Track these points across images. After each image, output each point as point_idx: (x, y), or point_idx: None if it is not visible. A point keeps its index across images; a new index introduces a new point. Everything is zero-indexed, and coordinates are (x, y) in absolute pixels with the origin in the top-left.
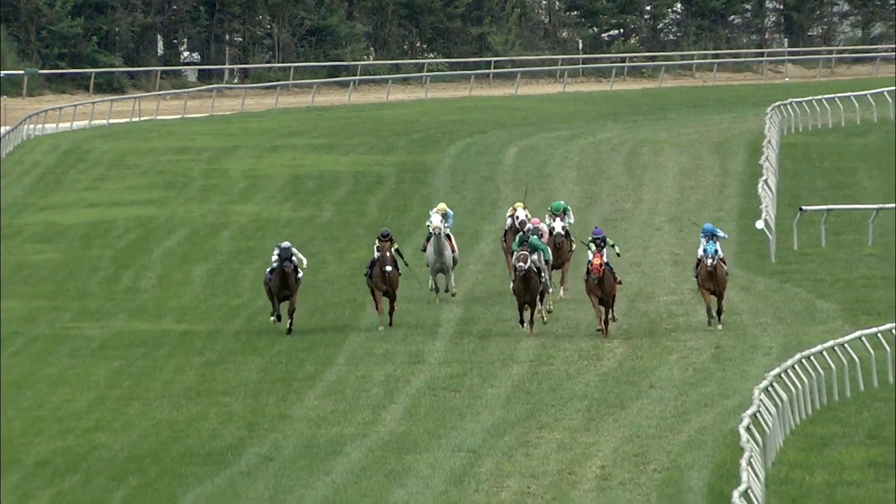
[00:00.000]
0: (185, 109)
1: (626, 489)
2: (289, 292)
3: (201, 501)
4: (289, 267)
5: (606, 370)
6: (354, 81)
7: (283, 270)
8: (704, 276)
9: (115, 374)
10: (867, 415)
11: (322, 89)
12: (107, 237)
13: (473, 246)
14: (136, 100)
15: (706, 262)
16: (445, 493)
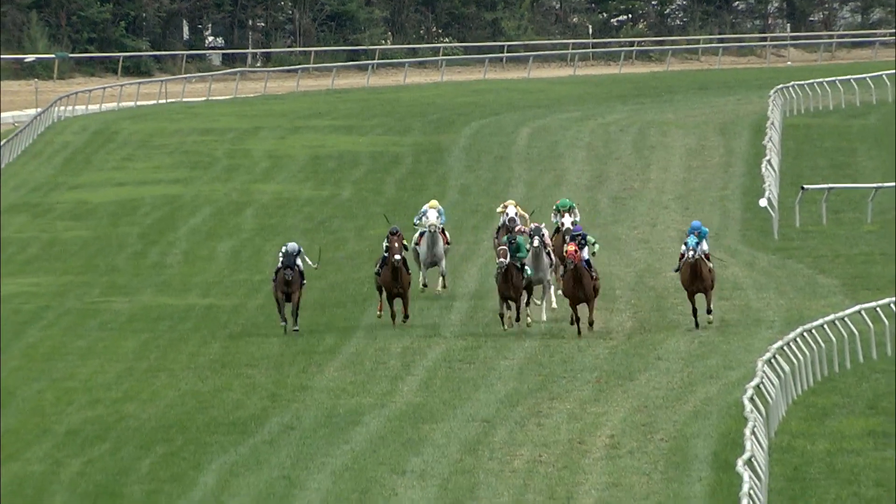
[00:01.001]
0: (210, 92)
1: (635, 457)
2: (290, 290)
3: (225, 469)
4: (290, 275)
5: (615, 343)
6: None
7: (285, 277)
8: (686, 272)
9: (142, 347)
10: (866, 386)
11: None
12: (134, 215)
13: (488, 223)
14: (163, 83)
15: (688, 255)
16: (460, 461)
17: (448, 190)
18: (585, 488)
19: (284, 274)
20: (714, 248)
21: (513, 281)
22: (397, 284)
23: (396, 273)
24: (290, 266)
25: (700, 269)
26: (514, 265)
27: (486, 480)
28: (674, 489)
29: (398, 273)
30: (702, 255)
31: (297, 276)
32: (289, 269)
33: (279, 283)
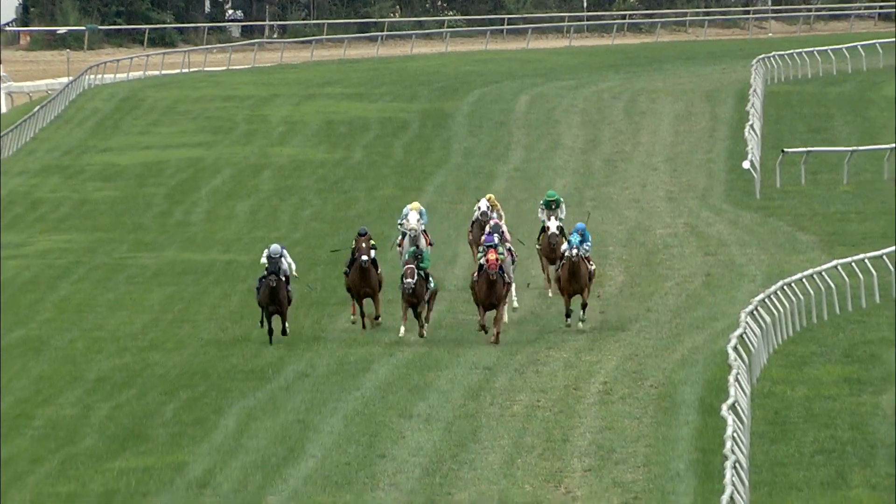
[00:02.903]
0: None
1: (626, 403)
2: (277, 307)
3: (244, 413)
4: (274, 281)
5: (608, 296)
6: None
7: (269, 285)
8: (566, 273)
9: (167, 299)
10: (842, 336)
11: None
12: (160, 176)
13: (489, 184)
14: (186, 53)
15: (570, 252)
16: (463, 405)
17: (452, 153)
18: (580, 431)
19: (269, 281)
20: (700, 207)
21: (416, 292)
22: (365, 285)
23: (365, 273)
24: (275, 272)
25: (579, 268)
26: (421, 276)
27: (488, 424)
28: (663, 432)
29: (366, 273)
30: (582, 255)
31: (282, 285)
32: (273, 276)
33: (263, 293)
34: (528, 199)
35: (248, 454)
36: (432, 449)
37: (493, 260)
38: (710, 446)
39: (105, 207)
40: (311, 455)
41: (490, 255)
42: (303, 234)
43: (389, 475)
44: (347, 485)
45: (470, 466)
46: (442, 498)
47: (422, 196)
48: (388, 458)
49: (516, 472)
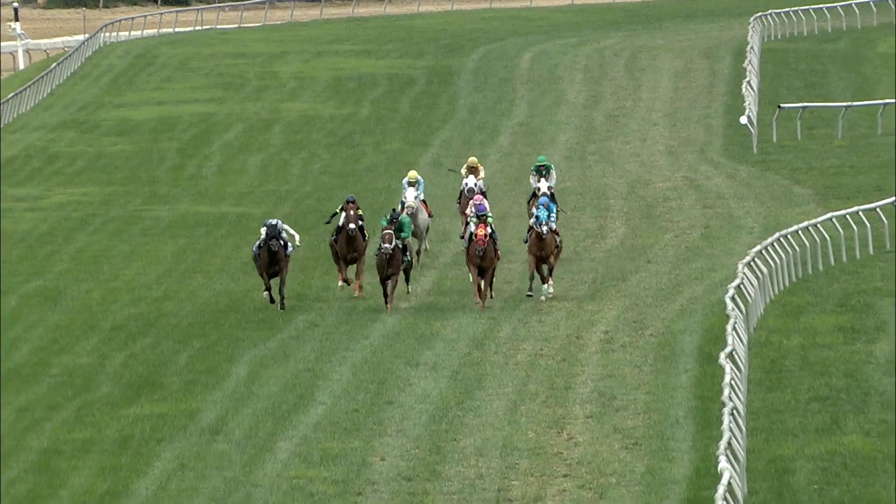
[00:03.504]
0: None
1: (627, 351)
2: (277, 268)
3: (256, 362)
4: (275, 245)
5: (609, 247)
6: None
7: (270, 248)
8: (535, 239)
9: (180, 251)
10: (837, 286)
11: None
12: (173, 131)
13: (493, 139)
14: (199, 11)
15: (540, 229)
16: (469, 354)
17: (457, 109)
18: (582, 379)
19: (270, 245)
20: (699, 161)
21: (392, 262)
22: (352, 250)
23: (352, 240)
24: (276, 236)
25: (548, 240)
26: (398, 246)
27: (492, 372)
28: (662, 380)
29: (353, 240)
30: (551, 229)
31: (282, 249)
32: (274, 240)
33: (263, 258)
34: (531, 153)
35: (259, 401)
36: (438, 396)
37: (482, 236)
38: (708, 394)
39: (120, 161)
40: (320, 402)
41: (479, 231)
42: (312, 188)
43: (396, 422)
44: (356, 431)
45: (475, 413)
46: (448, 444)
47: (428, 150)
48: (396, 405)
49: (520, 419)
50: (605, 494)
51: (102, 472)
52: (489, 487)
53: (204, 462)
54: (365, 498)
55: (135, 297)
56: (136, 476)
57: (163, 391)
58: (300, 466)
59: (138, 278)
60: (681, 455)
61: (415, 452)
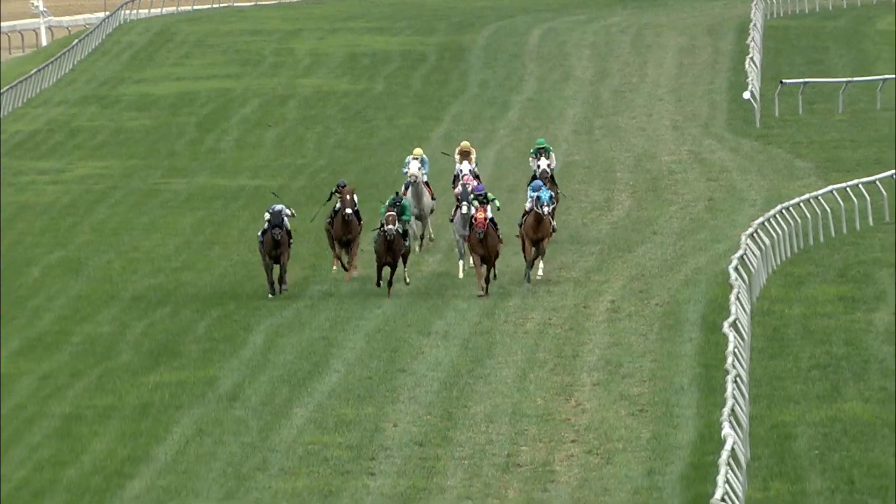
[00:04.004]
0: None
1: (633, 320)
2: (278, 252)
3: (272, 330)
4: (278, 234)
5: (616, 219)
6: None
7: (273, 237)
8: (531, 222)
9: (198, 223)
10: (837, 257)
11: None
12: (191, 106)
13: (503, 114)
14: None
15: (541, 211)
16: (479, 323)
17: (468, 84)
18: (589, 347)
19: (273, 234)
20: (703, 135)
21: (394, 248)
22: (347, 232)
23: (348, 224)
24: (279, 225)
25: (545, 221)
26: (399, 231)
27: (502, 340)
28: (667, 348)
29: (349, 224)
30: (549, 212)
31: (285, 237)
32: (277, 229)
33: (267, 245)
34: (540, 127)
35: (276, 369)
36: (450, 364)
37: (482, 220)
38: (712, 361)
39: (140, 136)
40: (334, 370)
41: (479, 215)
42: (327, 161)
43: (409, 389)
44: (369, 398)
45: (485, 381)
46: (459, 410)
47: (440, 125)
48: (408, 373)
49: (529, 386)
50: (612, 459)
51: (123, 437)
52: (499, 453)
53: (222, 428)
54: (378, 463)
55: (154, 267)
56: (155, 441)
57: (182, 359)
58: (315, 432)
59: (158, 249)
60: (685, 421)
61: (427, 419)
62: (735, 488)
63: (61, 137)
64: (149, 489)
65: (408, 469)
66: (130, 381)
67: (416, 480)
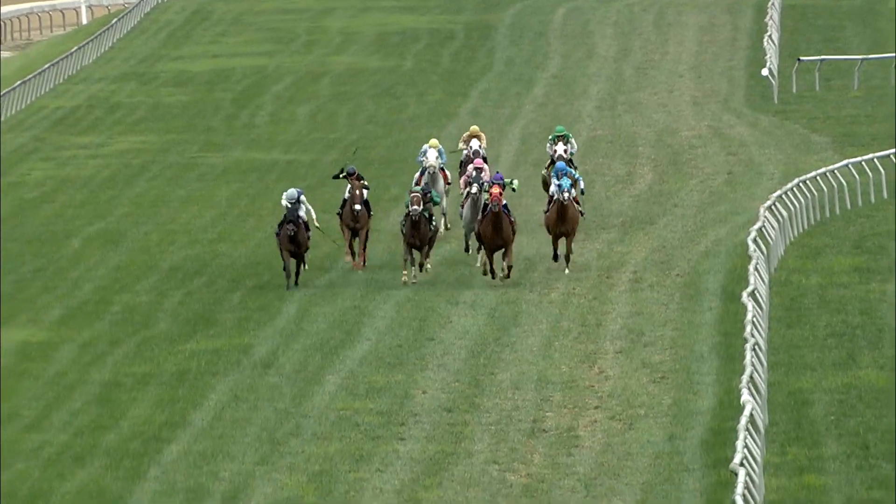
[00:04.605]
0: None
1: (654, 290)
2: (297, 248)
3: (305, 300)
4: (291, 229)
5: (638, 192)
6: None
7: (288, 233)
8: (554, 214)
9: (234, 196)
10: (853, 229)
11: None
12: (227, 82)
13: (528, 90)
14: None
15: (561, 197)
16: (505, 293)
17: (495, 62)
18: (612, 316)
19: (287, 229)
20: (722, 111)
21: (420, 230)
22: (356, 221)
23: (356, 216)
24: (293, 220)
25: (568, 211)
26: (424, 215)
27: (528, 310)
28: (688, 317)
29: (358, 215)
30: (572, 199)
31: (302, 232)
32: (291, 224)
33: (283, 240)
34: (564, 103)
35: (309, 337)
36: (477, 332)
37: (497, 194)
38: (731, 330)
39: (177, 111)
40: (365, 338)
41: (494, 190)
42: (359, 136)
43: (437, 356)
44: (399, 365)
45: (511, 349)
46: (485, 377)
47: (467, 101)
48: (437, 341)
49: (553, 354)
50: (634, 425)
51: (160, 403)
52: (525, 418)
53: (256, 394)
54: (408, 428)
55: (191, 238)
56: (192, 407)
57: (217, 328)
58: (347, 399)
59: (194, 221)
60: (705, 388)
61: (455, 385)
62: (753, 453)
63: (101, 113)
64: (185, 453)
65: (436, 434)
66: (168, 349)
67: (444, 445)
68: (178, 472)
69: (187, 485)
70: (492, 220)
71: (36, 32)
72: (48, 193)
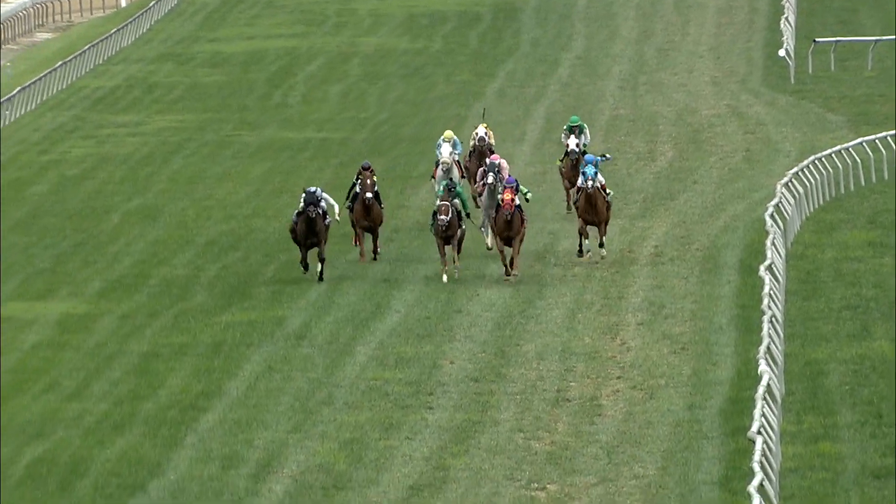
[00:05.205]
0: None
1: (675, 264)
2: (316, 239)
3: (336, 273)
4: (314, 212)
5: (659, 169)
6: None
7: (309, 216)
8: (584, 203)
9: (268, 173)
10: (867, 204)
11: None
12: (261, 63)
13: (553, 71)
14: None
15: (586, 185)
16: (530, 267)
17: (521, 43)
18: (634, 289)
19: (307, 211)
20: (741, 91)
21: (448, 232)
22: (369, 218)
23: (368, 209)
24: (314, 203)
25: (596, 199)
26: (455, 216)
27: (552, 283)
28: (707, 290)
29: (370, 208)
30: (599, 186)
31: (320, 217)
32: (312, 206)
33: (301, 227)
34: (588, 83)
35: (340, 310)
36: (503, 305)
37: (509, 200)
38: (749, 303)
39: (213, 91)
40: (395, 310)
41: (506, 196)
42: (388, 115)
43: (465, 328)
44: (427, 336)
45: (536, 321)
46: (511, 348)
47: (494, 81)
48: (464, 313)
49: (577, 326)
50: (655, 394)
51: (197, 373)
52: (549, 388)
53: (289, 365)
54: (436, 398)
55: (226, 214)
56: (227, 377)
57: (252, 300)
58: (377, 369)
59: (230, 197)
60: (724, 359)
61: (481, 356)
62: (770, 421)
63: (139, 93)
64: (221, 422)
65: (463, 403)
66: (204, 321)
67: (471, 414)
68: (213, 440)
69: (223, 452)
70: (504, 223)
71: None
72: (88, 170)
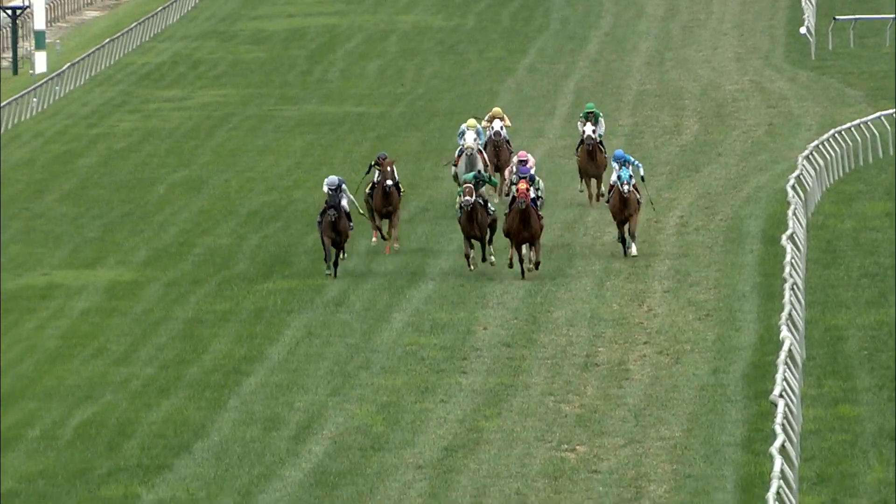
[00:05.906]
0: None
1: (700, 234)
2: (337, 238)
3: (372, 247)
4: (332, 215)
5: (684, 142)
6: None
7: (329, 218)
8: (616, 202)
9: (308, 146)
10: (885, 176)
11: None
12: (302, 40)
13: (582, 47)
14: None
15: (622, 189)
16: (561, 236)
17: (551, 20)
18: (660, 258)
19: (328, 215)
20: (764, 67)
21: (478, 220)
22: (387, 204)
23: (388, 196)
24: (335, 206)
25: (630, 199)
26: (479, 203)
27: (581, 252)
28: (731, 259)
29: (389, 196)
30: (633, 188)
31: (343, 220)
32: (332, 210)
33: (325, 226)
34: (615, 59)
35: (377, 278)
36: (534, 273)
37: (524, 189)
38: (771, 271)
39: (255, 67)
40: (430, 278)
41: (521, 185)
42: (424, 90)
43: (497, 295)
44: (461, 303)
45: (566, 288)
46: (542, 315)
47: (525, 57)
48: (496, 281)
49: (605, 293)
50: (681, 359)
51: (240, 339)
52: (578, 353)
53: (329, 330)
54: (469, 362)
55: (268, 186)
56: (269, 343)
57: (292, 268)
58: (413, 334)
59: (271, 169)
60: (747, 325)
61: (513, 322)
62: (792, 385)
63: (184, 69)
64: (263, 385)
65: (496, 368)
66: (246, 289)
67: (503, 378)
68: (255, 403)
69: (264, 414)
70: (519, 214)
71: None
72: (135, 144)
